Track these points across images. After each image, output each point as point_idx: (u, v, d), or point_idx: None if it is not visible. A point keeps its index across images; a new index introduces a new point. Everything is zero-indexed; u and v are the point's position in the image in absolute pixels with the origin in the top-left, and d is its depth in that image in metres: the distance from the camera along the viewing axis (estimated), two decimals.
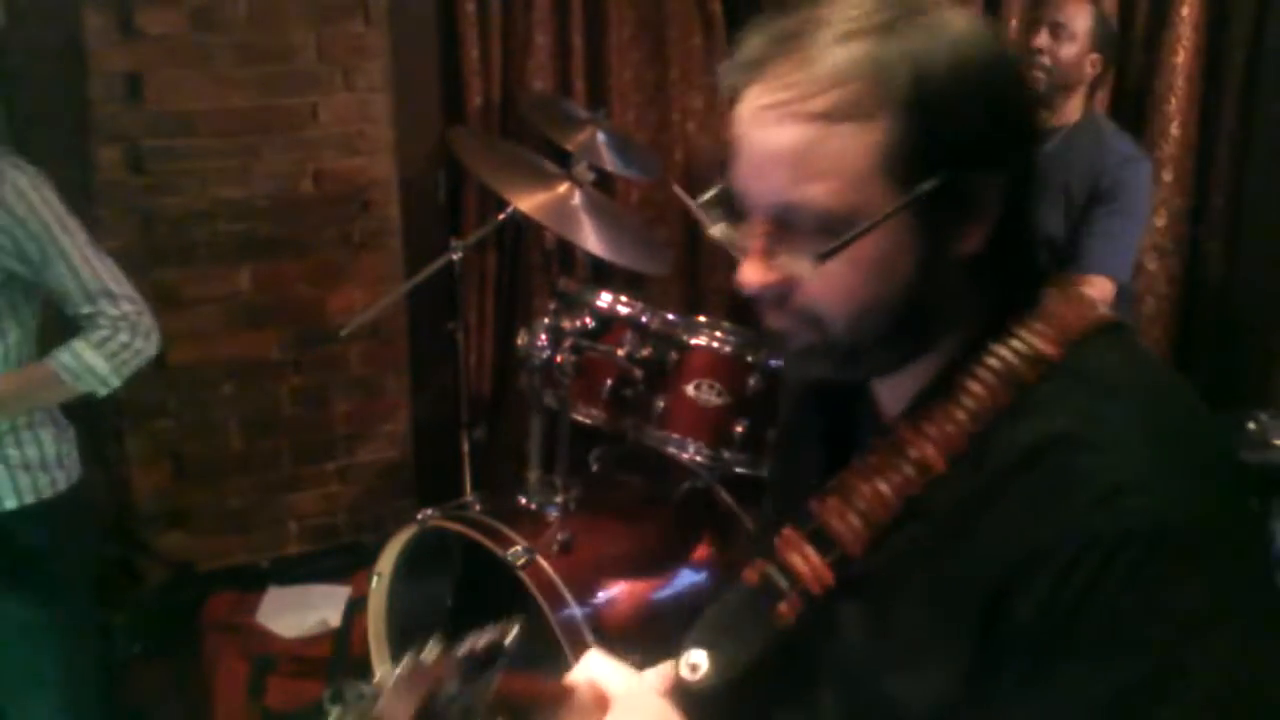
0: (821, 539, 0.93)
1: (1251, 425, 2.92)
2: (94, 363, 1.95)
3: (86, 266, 1.95)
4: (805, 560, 0.94)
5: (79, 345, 1.95)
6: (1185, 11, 3.28)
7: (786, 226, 0.87)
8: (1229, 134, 3.40)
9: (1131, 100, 3.43)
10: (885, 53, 0.84)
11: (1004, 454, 0.85)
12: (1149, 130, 3.36)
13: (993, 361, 0.88)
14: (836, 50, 0.84)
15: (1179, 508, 0.80)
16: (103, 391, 1.99)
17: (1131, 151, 2.87)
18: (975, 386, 0.88)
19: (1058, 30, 2.82)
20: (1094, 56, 2.84)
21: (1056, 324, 0.89)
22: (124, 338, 1.97)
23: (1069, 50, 2.81)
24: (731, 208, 0.93)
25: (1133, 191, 2.81)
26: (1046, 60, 2.81)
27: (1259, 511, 0.95)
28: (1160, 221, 3.42)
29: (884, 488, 0.90)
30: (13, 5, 2.70)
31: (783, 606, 0.95)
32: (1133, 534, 0.78)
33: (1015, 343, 0.89)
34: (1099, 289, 2.80)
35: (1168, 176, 3.38)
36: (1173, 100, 3.34)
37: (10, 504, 2.00)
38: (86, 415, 2.11)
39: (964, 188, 0.85)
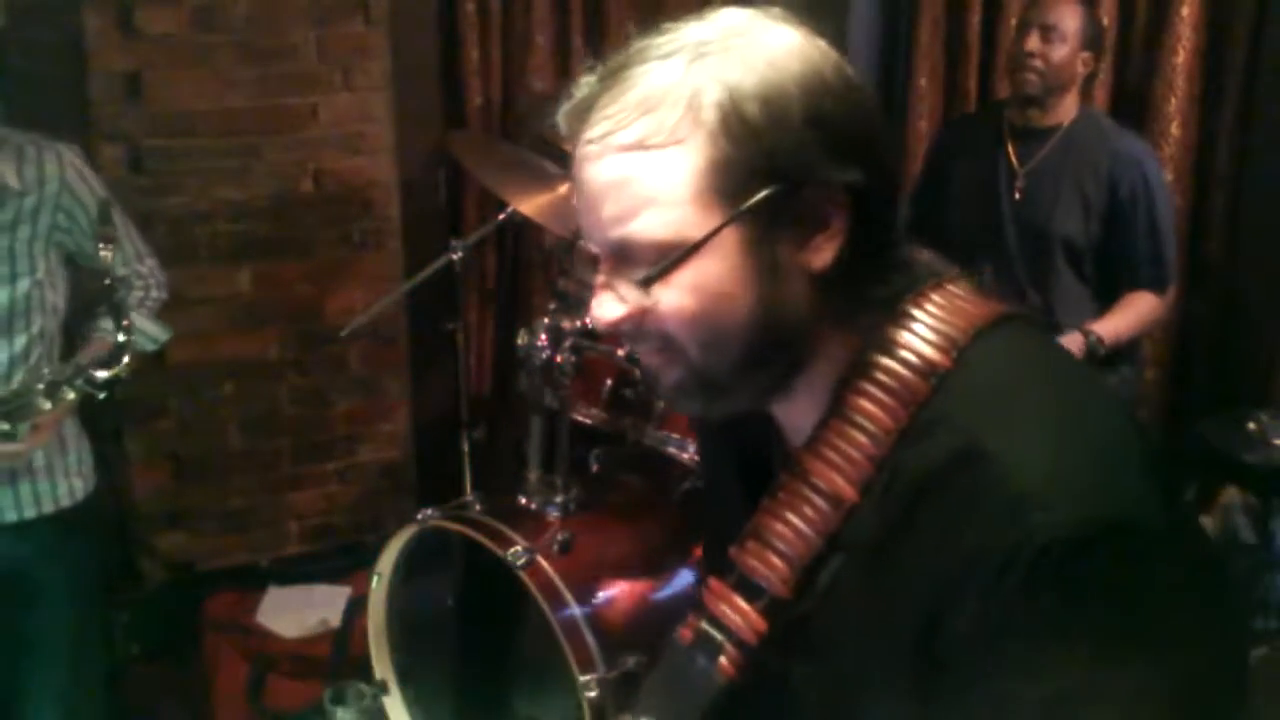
0: (748, 586, 0.91)
1: (1251, 425, 2.92)
2: (144, 325, 2.07)
3: (128, 230, 2.09)
4: (735, 611, 0.91)
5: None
6: (1185, 11, 3.28)
7: (624, 259, 0.87)
8: (1229, 134, 3.40)
9: (1132, 100, 3.43)
10: (692, 76, 0.83)
11: (911, 477, 0.83)
12: (1149, 130, 3.36)
13: (881, 378, 0.86)
14: (647, 78, 0.85)
15: (1088, 511, 0.78)
16: (153, 348, 2.12)
17: (1139, 151, 2.86)
18: (869, 407, 0.86)
19: (1048, 33, 2.79)
20: (1085, 55, 2.82)
21: (942, 329, 0.87)
22: (156, 293, 2.14)
23: (1060, 51, 2.79)
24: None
25: (1157, 195, 2.80)
26: (1039, 64, 2.78)
27: (1182, 498, 0.91)
28: None
29: (800, 525, 0.88)
30: (13, 5, 2.70)
31: (723, 661, 0.92)
32: (1046, 545, 0.76)
33: (902, 353, 0.87)
34: (1153, 306, 2.81)
35: (1168, 176, 3.37)
36: (1173, 100, 3.34)
37: (30, 513, 2.01)
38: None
39: (795, 202, 0.84)
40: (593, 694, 1.96)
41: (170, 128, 2.85)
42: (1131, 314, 2.79)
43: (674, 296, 0.85)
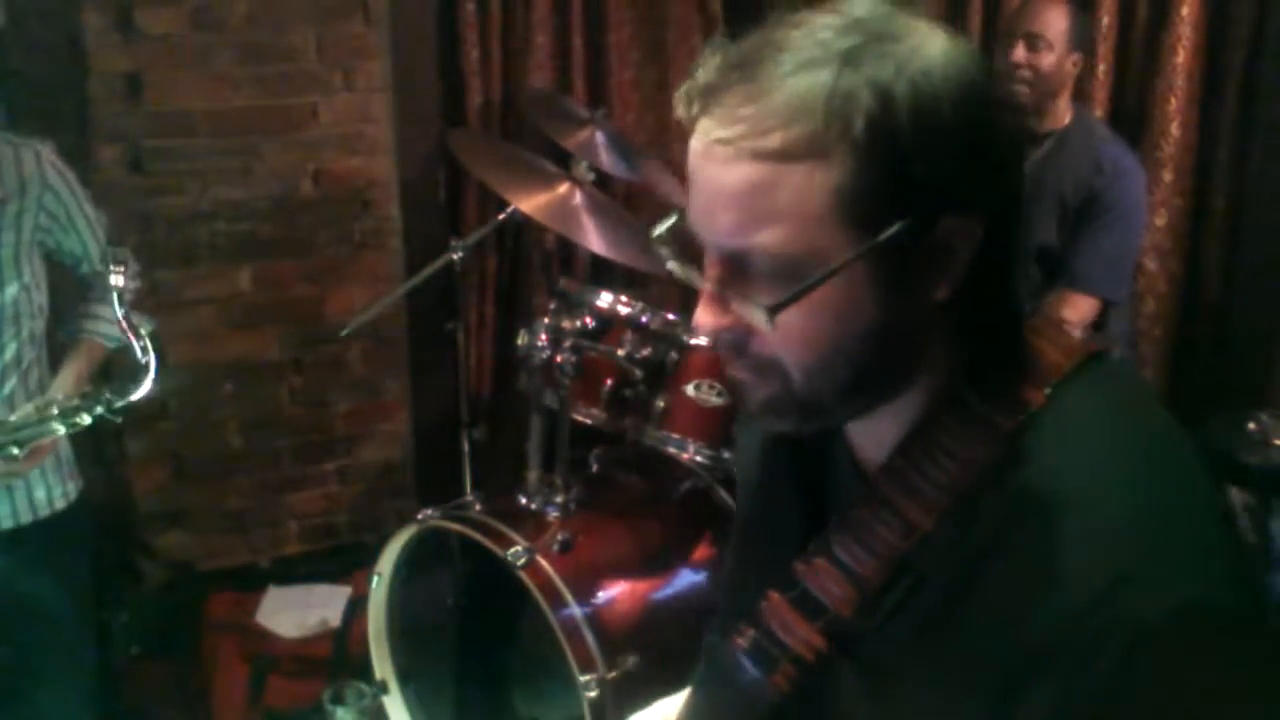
0: (809, 602, 0.89)
1: (1251, 425, 2.92)
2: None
3: (99, 227, 2.07)
4: (795, 627, 0.89)
5: (105, 311, 2.02)
6: (1185, 11, 3.28)
7: (740, 269, 0.81)
8: (1229, 134, 3.39)
9: (1132, 100, 3.43)
10: (844, 85, 0.76)
11: (992, 516, 0.81)
12: (1149, 130, 3.36)
13: (971, 411, 0.83)
14: (792, 81, 0.77)
15: (1185, 592, 0.75)
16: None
17: (1125, 162, 2.84)
18: (954, 439, 0.83)
19: (1034, 41, 2.76)
20: (1074, 57, 2.80)
21: (1037, 366, 0.84)
22: (135, 284, 2.07)
23: (1048, 59, 2.76)
24: (685, 242, 0.88)
25: (1127, 205, 2.78)
26: (1027, 74, 2.76)
27: (1260, 583, 0.89)
28: (1160, 221, 3.41)
29: (871, 548, 0.86)
30: (13, 5, 2.70)
31: (777, 676, 0.91)
32: (1143, 629, 0.74)
33: (993, 389, 0.84)
34: (1080, 309, 2.76)
35: (1168, 176, 3.37)
36: (1173, 100, 3.34)
37: (8, 524, 2.00)
38: None
39: (932, 232, 0.79)
40: (593, 694, 1.96)
41: (170, 128, 2.85)
42: (1074, 316, 2.75)
43: (793, 318, 0.79)
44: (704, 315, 0.84)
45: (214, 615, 2.95)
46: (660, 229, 0.92)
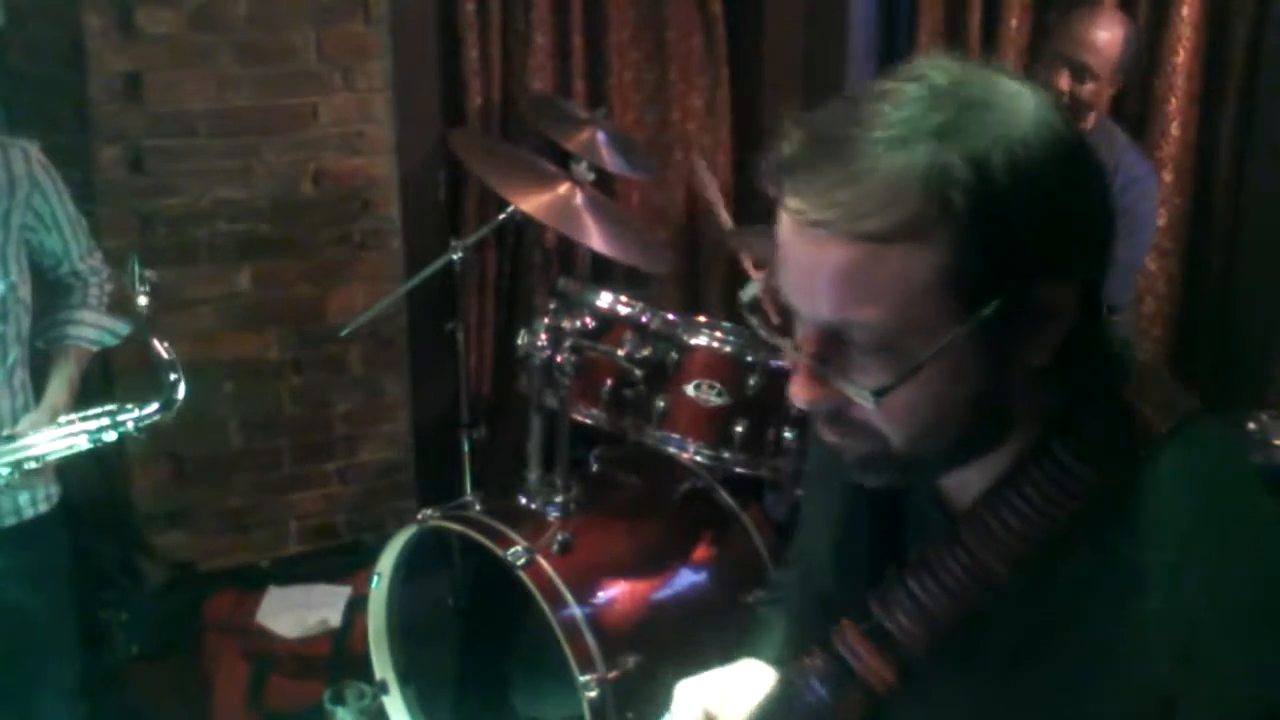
0: (881, 635, 0.89)
1: (1251, 425, 2.92)
2: (106, 323, 2.10)
3: (80, 227, 2.08)
4: (866, 657, 0.90)
5: (85, 315, 2.07)
6: (1185, 11, 3.27)
7: (839, 344, 0.81)
8: (1229, 134, 3.39)
9: (1132, 100, 3.43)
10: (940, 162, 0.75)
11: (1069, 577, 0.81)
12: (1149, 130, 3.36)
13: (1059, 466, 0.83)
14: (887, 162, 0.75)
15: (1247, 692, 0.75)
16: (114, 343, 2.13)
17: (1139, 170, 2.85)
18: (1040, 493, 0.83)
19: (1080, 73, 2.72)
20: (1118, 78, 2.79)
21: (1132, 424, 0.83)
22: (109, 286, 2.13)
23: (1090, 89, 2.73)
24: (770, 309, 0.87)
25: (1138, 213, 2.78)
26: (1065, 102, 2.71)
27: None
28: (1160, 221, 3.41)
29: (947, 590, 0.86)
30: (13, 5, 2.70)
31: (846, 703, 0.91)
32: (1218, 702, 0.74)
33: (1084, 446, 0.83)
34: None
35: (1168, 176, 3.37)
36: (1173, 100, 3.34)
37: (10, 521, 2.00)
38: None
39: (1032, 300, 0.78)
40: (593, 694, 1.96)
41: (170, 128, 2.85)
42: None
43: (893, 398, 0.79)
44: (802, 389, 0.84)
45: (214, 615, 2.94)
46: (747, 297, 0.92)
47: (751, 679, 1.20)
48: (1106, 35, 2.76)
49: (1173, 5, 3.29)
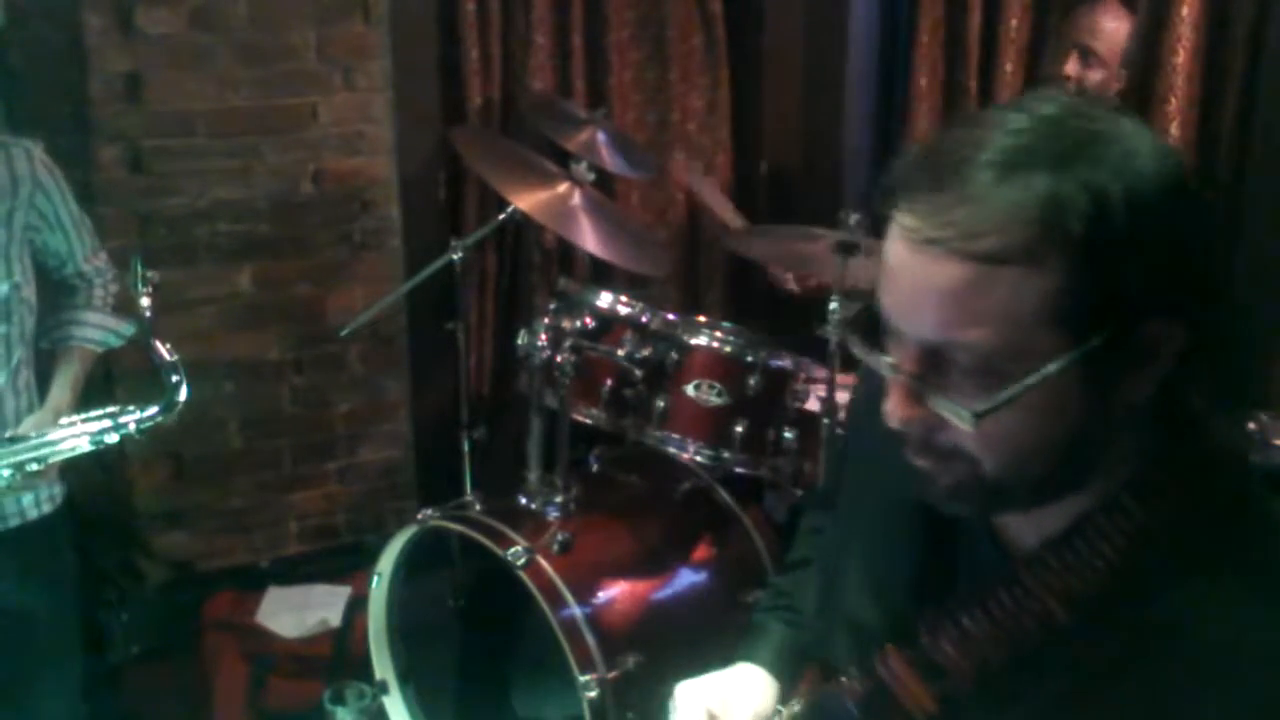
0: (927, 665, 0.89)
1: (1251, 425, 2.92)
2: (110, 324, 2.09)
3: (84, 227, 2.07)
4: (909, 684, 0.90)
5: (90, 316, 2.06)
6: (1185, 11, 3.27)
7: (940, 364, 0.81)
8: (1229, 134, 3.39)
9: (1131, 101, 3.43)
10: (1060, 189, 0.75)
11: (1130, 634, 0.80)
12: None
13: (1133, 519, 0.82)
14: (1005, 184, 0.76)
15: None
16: (119, 344, 2.12)
17: None
18: (1113, 542, 0.82)
19: (1089, 58, 2.76)
20: (1122, 73, 2.82)
21: (1209, 484, 0.83)
22: (113, 287, 2.13)
23: (1098, 76, 2.77)
24: (874, 327, 0.86)
25: None
26: (1073, 87, 2.75)
27: None
28: None
29: (1001, 628, 0.85)
30: (13, 5, 2.70)
31: None
32: None
33: (1160, 501, 0.82)
34: None
35: None
36: (1173, 100, 3.34)
37: (14, 522, 2.00)
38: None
39: (1138, 336, 0.78)
40: (593, 694, 1.96)
41: (170, 128, 2.85)
42: None
43: (991, 422, 0.79)
44: (897, 406, 0.84)
45: (214, 615, 2.94)
46: (851, 317, 0.91)
47: (751, 682, 1.20)
48: (1114, 24, 2.80)
49: (1173, 5, 3.29)
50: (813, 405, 2.40)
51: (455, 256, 2.67)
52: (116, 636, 2.85)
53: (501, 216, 2.74)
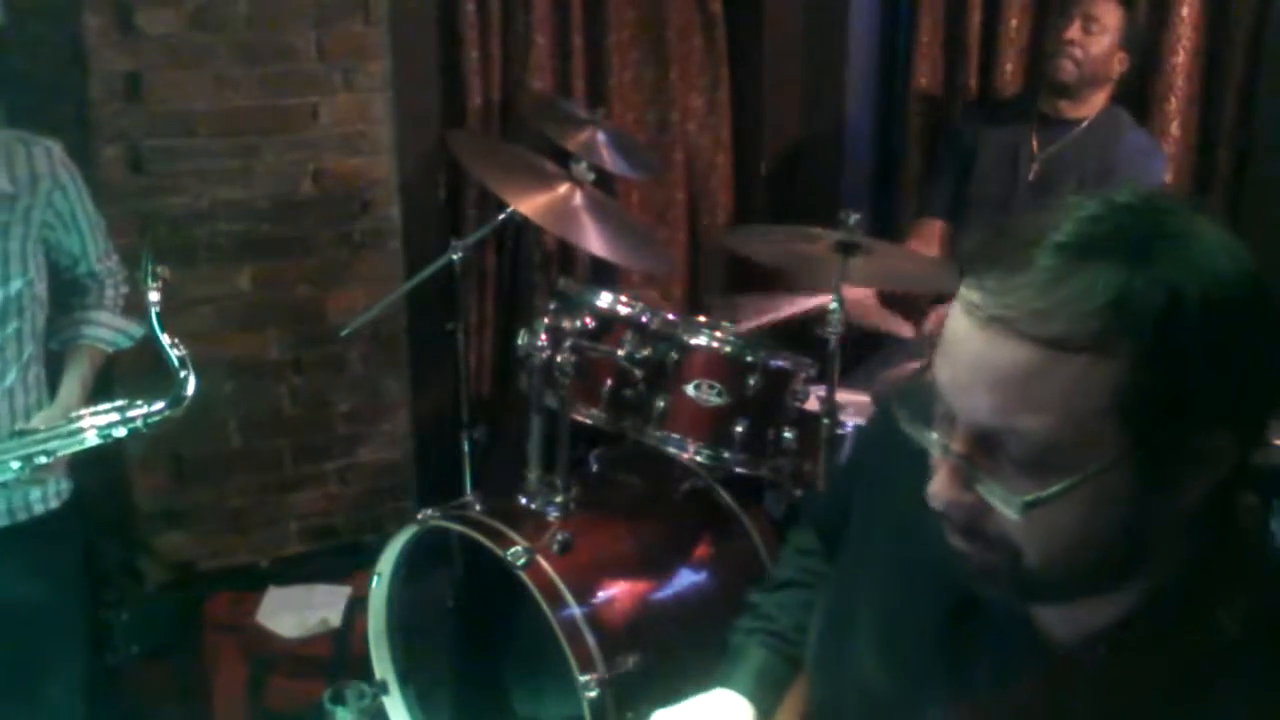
0: None
1: None
2: (120, 325, 2.11)
3: (99, 228, 2.10)
4: None
5: (101, 316, 2.08)
6: (1185, 11, 3.28)
7: (992, 448, 0.79)
8: (1229, 134, 3.39)
9: (1132, 100, 3.43)
10: (1134, 282, 0.73)
11: None
12: (1149, 130, 3.36)
13: (1176, 629, 0.80)
14: (1079, 270, 0.74)
15: None
16: (128, 344, 2.13)
17: (1145, 144, 2.93)
18: (1150, 655, 0.80)
19: (1090, 24, 2.84)
20: (1121, 54, 2.89)
21: (1254, 599, 0.81)
22: (124, 288, 2.15)
23: (1100, 44, 2.85)
24: (925, 401, 0.84)
25: (1140, 180, 2.82)
26: (1078, 53, 2.85)
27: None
28: None
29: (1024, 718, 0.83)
30: (13, 5, 2.70)
31: None
32: None
33: (1204, 613, 0.80)
34: None
35: (1168, 177, 3.37)
36: (1173, 100, 3.34)
37: (22, 517, 2.02)
38: None
39: (1199, 441, 0.76)
40: (593, 694, 1.96)
41: (170, 128, 2.85)
42: None
43: (1035, 510, 0.77)
44: (944, 488, 0.82)
45: (214, 615, 2.94)
46: (903, 388, 0.89)
47: (726, 710, 1.19)
48: (1111, 1, 2.89)
49: (1173, 5, 3.29)
50: (813, 405, 2.40)
51: (455, 256, 2.66)
52: (116, 636, 2.85)
53: (501, 217, 2.74)
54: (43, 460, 1.87)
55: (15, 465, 1.86)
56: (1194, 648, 0.79)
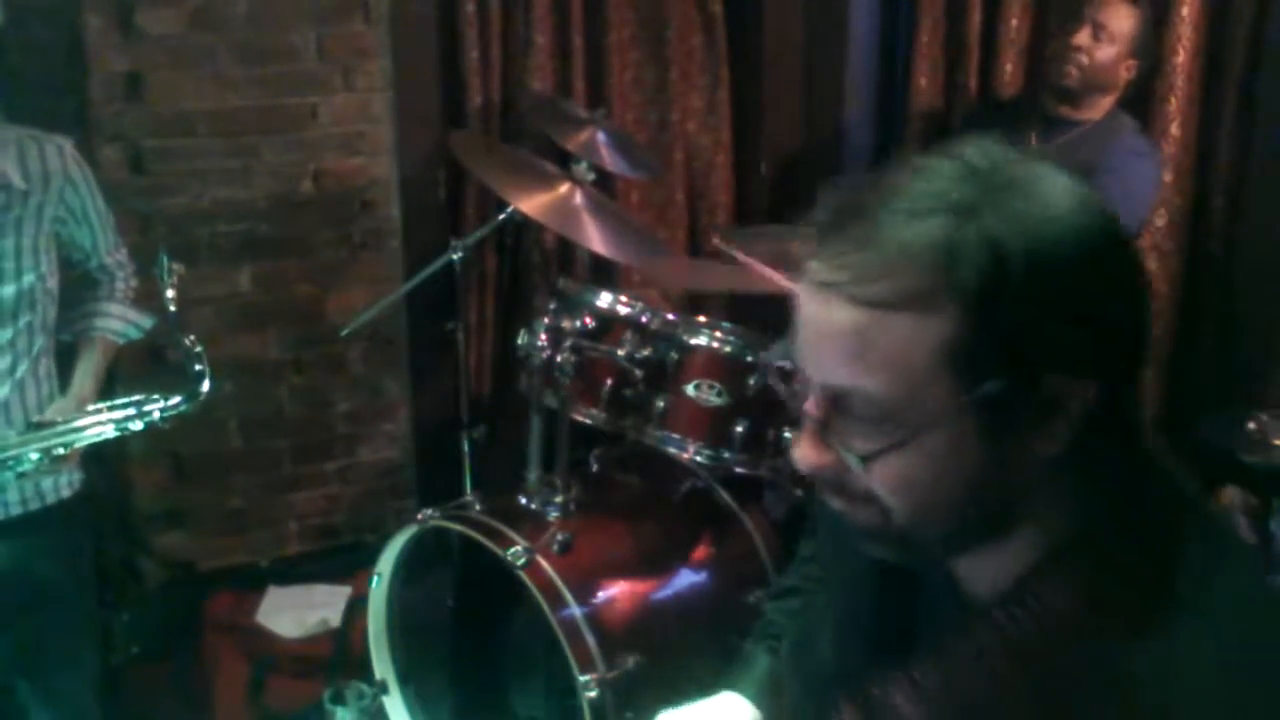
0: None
1: (1251, 425, 2.92)
2: (131, 316, 2.15)
3: (108, 223, 2.13)
4: None
5: (112, 307, 2.13)
6: (1185, 11, 3.27)
7: (841, 409, 0.81)
8: (1229, 134, 3.39)
9: (1132, 100, 3.43)
10: (959, 237, 0.75)
11: (1079, 691, 0.78)
12: (1149, 130, 3.36)
13: (1076, 572, 0.81)
14: (905, 229, 0.76)
15: None
16: (138, 335, 2.18)
17: (1140, 147, 2.87)
18: (1061, 598, 0.81)
19: (1099, 31, 2.80)
20: (1130, 61, 2.84)
21: (1149, 533, 0.81)
22: (134, 281, 2.19)
23: (1106, 52, 2.80)
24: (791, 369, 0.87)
25: (1119, 179, 2.77)
26: (1083, 59, 2.80)
27: None
28: (1160, 221, 3.41)
29: (954, 687, 0.84)
30: (13, 5, 2.69)
31: None
32: None
33: (1100, 553, 0.81)
34: None
35: (1168, 177, 3.37)
36: (1173, 100, 3.34)
37: (35, 505, 2.04)
38: None
39: (1038, 389, 0.77)
40: (593, 694, 1.96)
41: (170, 128, 2.85)
42: None
43: (887, 465, 0.80)
44: (803, 450, 0.84)
45: (214, 615, 2.95)
46: (770, 356, 0.93)
47: (732, 712, 1.20)
48: (1126, 6, 2.84)
49: (1173, 5, 3.29)
50: None
51: (455, 256, 2.67)
52: (116, 636, 2.85)
53: (501, 216, 2.74)
54: (61, 452, 1.91)
55: (35, 457, 1.90)
56: (1087, 600, 0.80)
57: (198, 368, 1.98)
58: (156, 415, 1.97)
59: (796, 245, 2.53)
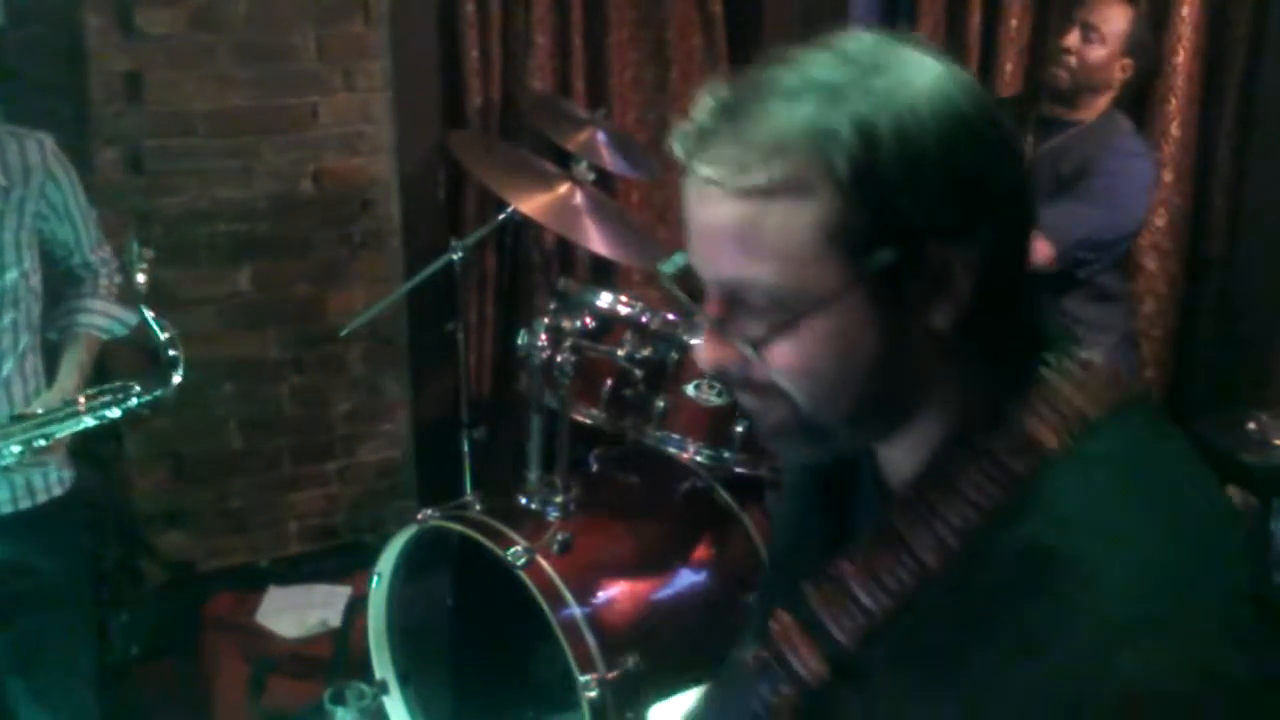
0: (816, 629, 0.88)
1: (1251, 425, 2.92)
2: (115, 312, 2.14)
3: (91, 219, 2.13)
4: (801, 650, 0.89)
5: (95, 304, 2.12)
6: (1185, 11, 3.28)
7: (736, 304, 0.83)
8: (1229, 134, 3.40)
9: (1132, 100, 3.43)
10: (825, 120, 0.77)
11: (997, 566, 0.79)
12: (1149, 130, 3.36)
13: (984, 451, 0.82)
14: (777, 118, 0.78)
15: (1179, 658, 0.73)
16: (124, 333, 2.17)
17: (1134, 147, 2.85)
18: (966, 479, 0.82)
19: (1089, 32, 2.78)
20: (1125, 61, 2.81)
21: (1058, 408, 0.82)
22: (118, 278, 2.17)
23: (1097, 53, 2.78)
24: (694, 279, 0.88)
25: (1115, 180, 2.76)
26: (1073, 61, 2.78)
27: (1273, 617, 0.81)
28: (1160, 221, 3.42)
29: (879, 581, 0.85)
30: (13, 5, 2.70)
31: (782, 695, 0.90)
32: (1130, 693, 0.72)
33: (1009, 431, 0.82)
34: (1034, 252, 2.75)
35: (1168, 177, 3.38)
36: (1173, 100, 3.34)
37: (25, 504, 2.04)
38: None
39: (921, 261, 0.79)
40: (593, 694, 1.96)
41: (170, 128, 2.85)
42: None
43: (785, 351, 0.81)
44: (706, 349, 0.86)
45: (214, 615, 2.95)
46: (668, 267, 0.95)
47: None
48: (1119, 6, 2.83)
49: (1173, 5, 3.29)
50: None
51: (455, 256, 2.67)
52: (116, 636, 2.86)
53: (501, 217, 2.74)
54: (41, 443, 1.90)
55: (15, 449, 1.88)
56: (985, 485, 0.82)
57: (172, 353, 1.95)
58: (134, 401, 1.95)
59: None
